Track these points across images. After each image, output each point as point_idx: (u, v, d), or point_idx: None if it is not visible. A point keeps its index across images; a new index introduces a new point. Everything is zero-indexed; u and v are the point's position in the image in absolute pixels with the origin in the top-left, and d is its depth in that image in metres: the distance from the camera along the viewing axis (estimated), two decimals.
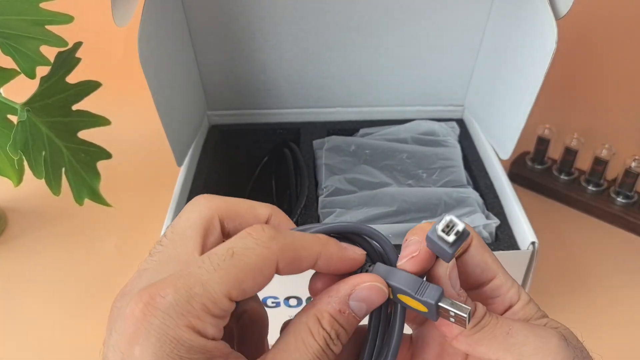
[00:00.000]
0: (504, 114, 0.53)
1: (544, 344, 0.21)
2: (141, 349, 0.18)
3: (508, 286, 0.25)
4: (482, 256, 0.25)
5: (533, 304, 0.25)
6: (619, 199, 0.61)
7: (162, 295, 0.19)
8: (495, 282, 0.25)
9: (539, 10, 0.44)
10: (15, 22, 0.42)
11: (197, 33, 0.55)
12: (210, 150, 0.57)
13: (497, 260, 0.25)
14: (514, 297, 0.25)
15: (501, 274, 0.25)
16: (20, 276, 0.57)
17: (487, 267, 0.25)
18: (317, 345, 0.21)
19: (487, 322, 0.22)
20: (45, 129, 0.45)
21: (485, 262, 0.25)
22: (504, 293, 0.25)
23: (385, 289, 0.22)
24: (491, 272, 0.25)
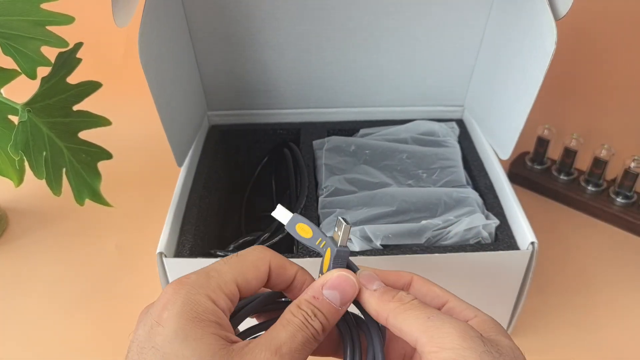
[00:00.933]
0: (503, 114, 0.53)
1: (457, 331, 0.24)
2: (168, 312, 0.24)
3: (462, 307, 0.28)
4: (426, 287, 0.29)
5: (491, 323, 0.27)
6: (618, 199, 0.62)
7: (187, 277, 0.25)
8: (448, 305, 0.28)
9: (539, 10, 0.44)
10: (16, 22, 0.42)
11: (197, 33, 0.55)
12: (210, 151, 0.57)
13: (444, 289, 0.29)
14: (469, 314, 0.27)
15: (452, 299, 0.28)
16: (21, 276, 0.57)
17: (436, 296, 0.29)
18: (296, 320, 0.25)
19: (412, 305, 0.26)
20: (46, 129, 0.45)
21: (432, 291, 0.29)
22: (458, 313, 0.27)
23: (352, 278, 0.27)
24: (442, 298, 0.28)
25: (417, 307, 0.26)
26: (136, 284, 0.55)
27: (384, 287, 0.28)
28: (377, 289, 0.28)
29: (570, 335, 0.50)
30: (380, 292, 0.28)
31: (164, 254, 0.42)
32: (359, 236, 0.44)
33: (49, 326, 0.52)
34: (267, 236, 0.47)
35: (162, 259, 0.42)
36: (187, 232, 0.46)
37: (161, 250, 0.42)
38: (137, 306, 0.53)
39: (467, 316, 0.27)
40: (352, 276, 0.27)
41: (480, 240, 0.45)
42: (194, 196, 0.50)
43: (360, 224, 0.46)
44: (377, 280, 0.28)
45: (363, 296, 0.28)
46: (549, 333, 0.51)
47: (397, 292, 0.27)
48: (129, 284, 0.55)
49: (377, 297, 0.27)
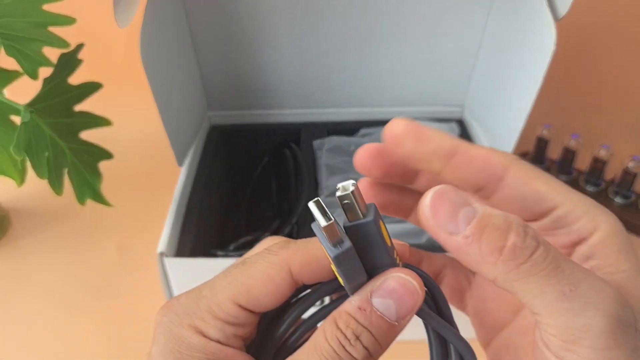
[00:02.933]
0: (503, 114, 0.53)
1: (604, 321, 0.16)
2: (154, 348, 0.19)
3: (577, 214, 0.19)
4: (527, 186, 0.19)
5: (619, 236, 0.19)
6: (617, 199, 0.62)
7: (177, 299, 0.20)
8: (557, 212, 0.19)
9: (538, 11, 0.44)
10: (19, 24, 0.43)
11: (198, 34, 0.55)
12: (210, 151, 0.57)
13: (559, 186, 0.19)
14: (587, 227, 0.19)
15: (566, 202, 0.19)
16: (23, 275, 0.57)
17: (540, 198, 0.19)
18: (327, 346, 0.18)
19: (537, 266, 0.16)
20: (48, 129, 0.45)
21: (534, 192, 0.19)
22: (571, 223, 0.19)
23: (414, 283, 0.18)
24: (548, 202, 0.19)
25: (545, 272, 0.16)
26: (137, 283, 0.55)
27: (481, 225, 0.17)
28: (469, 234, 0.17)
29: None
30: (476, 238, 0.17)
31: (164, 254, 0.42)
32: None
33: (49, 326, 0.52)
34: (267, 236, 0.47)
35: (162, 259, 0.42)
36: (188, 232, 0.46)
37: (162, 250, 0.42)
38: (137, 306, 0.53)
39: (582, 231, 0.19)
40: (415, 279, 0.18)
41: None
42: (195, 196, 0.50)
43: None
44: (465, 208, 0.17)
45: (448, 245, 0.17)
46: None
47: (507, 235, 0.17)
48: (130, 283, 0.56)
49: (475, 251, 0.17)
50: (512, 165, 0.20)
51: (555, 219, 0.19)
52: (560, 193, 0.19)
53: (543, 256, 0.16)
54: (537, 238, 0.17)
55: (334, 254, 0.17)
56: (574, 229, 0.19)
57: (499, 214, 0.17)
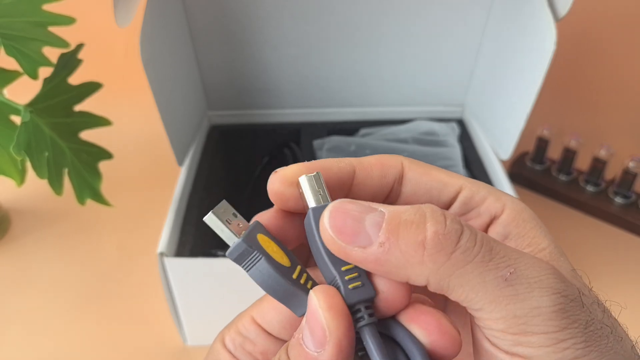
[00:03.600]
0: (503, 114, 0.53)
1: (551, 301, 0.15)
2: None
3: (482, 195, 0.18)
4: (427, 176, 0.19)
5: (528, 213, 0.18)
6: (618, 199, 0.62)
7: None
8: (464, 193, 0.19)
9: (538, 11, 0.44)
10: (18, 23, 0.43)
11: (198, 33, 0.55)
12: (210, 150, 0.57)
13: (456, 173, 0.19)
14: (495, 205, 0.18)
15: (467, 184, 0.19)
16: (23, 275, 0.57)
17: (444, 184, 0.19)
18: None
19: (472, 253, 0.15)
20: (48, 129, 0.45)
21: (437, 179, 0.19)
22: (479, 203, 0.19)
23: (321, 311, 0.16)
24: (452, 186, 0.19)
25: (480, 257, 0.15)
26: (136, 283, 0.55)
27: (393, 225, 0.15)
28: (384, 240, 0.15)
29: None
30: (393, 241, 0.15)
31: (164, 254, 0.42)
32: None
33: (49, 326, 0.52)
34: None
35: (162, 259, 0.42)
36: (188, 232, 0.46)
37: (162, 250, 0.42)
38: (137, 306, 0.53)
39: (491, 210, 0.18)
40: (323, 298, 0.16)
41: None
42: (195, 196, 0.50)
43: None
44: (369, 214, 0.16)
45: (366, 262, 0.16)
46: None
47: (424, 225, 0.15)
48: (129, 283, 0.56)
49: (396, 256, 0.15)
50: (405, 161, 0.19)
51: (464, 201, 0.19)
52: (460, 178, 0.19)
53: (472, 239, 0.15)
54: (458, 220, 0.15)
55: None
56: (483, 209, 0.18)
57: (408, 208, 0.16)
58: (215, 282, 0.43)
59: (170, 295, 0.45)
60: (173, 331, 0.49)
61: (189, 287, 0.44)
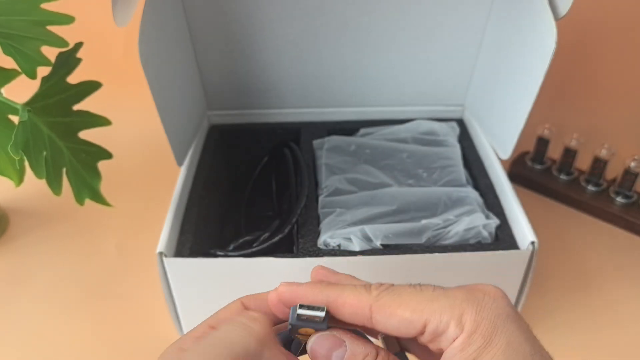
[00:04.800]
0: (504, 114, 0.53)
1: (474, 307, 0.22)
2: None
3: (445, 322, 0.22)
4: (393, 317, 0.23)
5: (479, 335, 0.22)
6: (619, 198, 0.62)
7: None
8: (430, 327, 0.22)
9: (539, 10, 0.44)
10: (16, 22, 0.42)
11: (197, 33, 0.55)
12: (210, 150, 0.57)
13: (423, 304, 0.22)
14: (455, 332, 0.22)
15: (433, 316, 0.22)
16: (22, 276, 0.57)
17: (409, 322, 0.22)
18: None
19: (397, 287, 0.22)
20: (46, 129, 0.45)
21: (401, 319, 0.22)
22: (443, 331, 0.22)
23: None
24: (417, 323, 0.22)
25: (405, 287, 0.23)
26: (136, 283, 0.55)
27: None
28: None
29: (570, 334, 0.50)
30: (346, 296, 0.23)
31: (164, 254, 0.42)
32: (359, 236, 0.44)
33: (49, 326, 0.52)
34: (267, 236, 0.47)
35: (162, 259, 0.42)
36: (187, 232, 0.46)
37: (161, 250, 0.42)
38: (137, 306, 0.53)
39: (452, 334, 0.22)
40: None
41: (480, 240, 0.45)
42: (194, 196, 0.50)
43: (360, 224, 0.46)
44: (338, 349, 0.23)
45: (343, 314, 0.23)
46: (549, 333, 0.51)
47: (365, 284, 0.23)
48: (129, 284, 0.55)
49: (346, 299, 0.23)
50: (374, 304, 0.23)
51: (432, 332, 0.22)
52: (424, 311, 0.22)
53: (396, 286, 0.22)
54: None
55: None
56: (446, 337, 0.22)
57: (360, 351, 0.23)
58: (214, 282, 0.43)
59: (169, 295, 0.45)
60: (172, 331, 0.49)
61: (188, 287, 0.44)
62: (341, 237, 0.45)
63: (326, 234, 0.45)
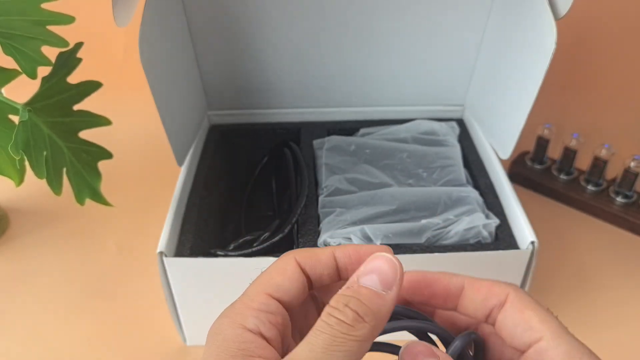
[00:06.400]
0: (504, 113, 0.53)
1: None
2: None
3: (556, 352, 0.22)
4: (520, 314, 0.23)
5: None
6: (619, 198, 0.62)
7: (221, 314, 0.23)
8: (541, 344, 0.22)
9: (539, 10, 0.44)
10: (17, 22, 0.42)
11: (197, 33, 0.55)
12: (210, 150, 0.57)
13: (547, 318, 0.22)
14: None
15: (548, 336, 0.22)
16: (22, 276, 0.57)
17: (528, 327, 0.22)
18: (320, 321, 0.20)
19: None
20: (47, 129, 0.45)
21: (525, 321, 0.22)
22: (549, 358, 0.22)
23: (389, 255, 0.21)
24: (535, 332, 0.22)
25: None
26: (136, 283, 0.55)
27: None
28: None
29: None
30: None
31: (164, 254, 0.42)
32: (359, 236, 0.44)
33: (49, 325, 0.52)
34: (267, 236, 0.47)
35: (162, 259, 0.42)
36: (188, 232, 0.46)
37: (161, 249, 0.42)
38: (137, 306, 0.53)
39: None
40: (389, 254, 0.22)
41: (480, 240, 0.45)
42: (194, 195, 0.50)
43: (360, 224, 0.46)
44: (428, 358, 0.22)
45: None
46: None
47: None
48: (129, 283, 0.55)
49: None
50: (511, 292, 0.23)
51: (538, 351, 0.22)
52: (547, 327, 0.22)
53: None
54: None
55: None
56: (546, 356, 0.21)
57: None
58: (214, 282, 0.43)
59: (170, 295, 0.45)
60: (172, 331, 0.49)
61: (188, 286, 0.44)
62: (341, 237, 0.45)
63: (326, 234, 0.45)
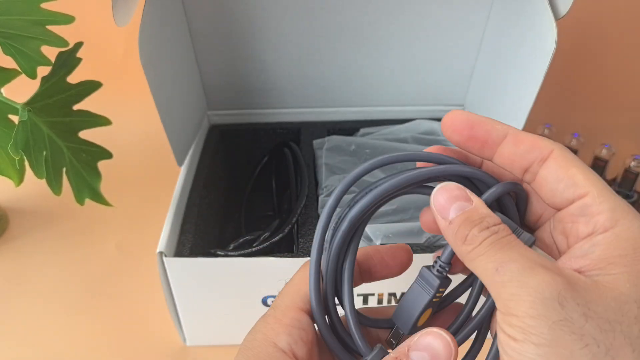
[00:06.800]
0: (504, 113, 0.53)
1: (525, 293, 0.18)
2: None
3: (600, 208, 0.20)
4: (564, 170, 0.21)
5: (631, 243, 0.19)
6: None
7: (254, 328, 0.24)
8: (585, 200, 0.21)
9: (539, 10, 0.44)
10: (16, 22, 0.42)
11: (197, 33, 0.55)
12: (210, 150, 0.57)
13: (593, 177, 0.21)
14: (604, 224, 0.20)
15: (593, 192, 0.20)
16: (22, 276, 0.57)
17: (572, 183, 0.21)
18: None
19: (482, 249, 0.20)
20: (46, 128, 0.45)
21: (569, 177, 0.21)
22: (592, 214, 0.20)
23: (446, 336, 0.21)
24: (579, 189, 0.21)
25: (486, 253, 0.20)
26: (136, 283, 0.55)
27: (462, 218, 0.21)
28: (452, 219, 0.21)
29: None
30: (456, 225, 0.21)
31: (164, 254, 0.42)
32: None
33: (49, 325, 0.52)
34: (267, 235, 0.47)
35: (162, 259, 0.42)
36: (188, 232, 0.46)
37: (161, 249, 0.42)
38: (137, 306, 0.53)
39: (597, 225, 0.20)
40: (447, 334, 0.21)
41: None
42: (194, 195, 0.50)
43: None
44: (457, 202, 0.21)
45: (439, 225, 0.22)
46: None
47: (474, 225, 0.21)
48: (129, 283, 0.55)
49: (451, 234, 0.21)
50: (556, 149, 0.22)
51: (582, 206, 0.21)
52: (593, 184, 0.21)
53: (487, 243, 0.20)
54: (491, 230, 0.21)
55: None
56: (592, 220, 0.20)
57: (481, 212, 0.21)
58: (214, 282, 0.43)
59: (169, 295, 0.44)
60: (172, 331, 0.49)
61: (188, 287, 0.44)
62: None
63: None
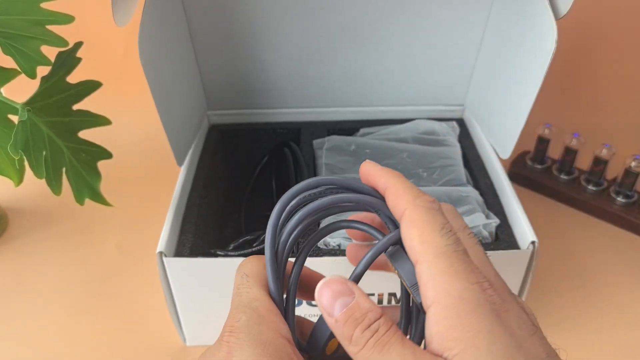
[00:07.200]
0: (504, 113, 0.53)
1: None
2: None
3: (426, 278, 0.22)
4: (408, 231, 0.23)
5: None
6: (619, 198, 0.61)
7: None
8: (418, 267, 0.22)
9: (539, 10, 0.44)
10: (16, 22, 0.42)
11: (197, 33, 0.55)
12: (210, 150, 0.57)
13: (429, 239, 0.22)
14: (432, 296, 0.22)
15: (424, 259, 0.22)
16: (21, 276, 0.57)
17: (411, 246, 0.22)
18: None
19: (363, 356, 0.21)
20: (46, 128, 0.45)
21: (410, 239, 0.22)
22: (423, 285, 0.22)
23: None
24: (415, 254, 0.22)
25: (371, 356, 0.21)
26: (136, 283, 0.55)
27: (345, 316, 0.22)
28: (338, 317, 0.22)
29: (570, 334, 0.50)
30: (341, 323, 0.22)
31: (164, 254, 0.42)
32: None
33: (49, 325, 0.52)
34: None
35: (162, 259, 0.42)
36: (187, 232, 0.46)
37: (161, 249, 0.42)
38: (137, 306, 0.53)
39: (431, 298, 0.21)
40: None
41: (480, 240, 0.45)
42: (194, 195, 0.50)
43: None
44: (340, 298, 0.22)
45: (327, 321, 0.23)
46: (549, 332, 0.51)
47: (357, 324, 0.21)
48: (129, 283, 0.55)
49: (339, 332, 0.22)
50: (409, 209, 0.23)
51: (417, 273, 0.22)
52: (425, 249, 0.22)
53: (370, 345, 0.21)
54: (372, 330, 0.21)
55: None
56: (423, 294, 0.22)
57: (362, 306, 0.22)
58: (214, 282, 0.43)
59: (169, 295, 0.44)
60: (172, 331, 0.49)
61: (188, 287, 0.44)
62: (341, 237, 0.44)
63: None
